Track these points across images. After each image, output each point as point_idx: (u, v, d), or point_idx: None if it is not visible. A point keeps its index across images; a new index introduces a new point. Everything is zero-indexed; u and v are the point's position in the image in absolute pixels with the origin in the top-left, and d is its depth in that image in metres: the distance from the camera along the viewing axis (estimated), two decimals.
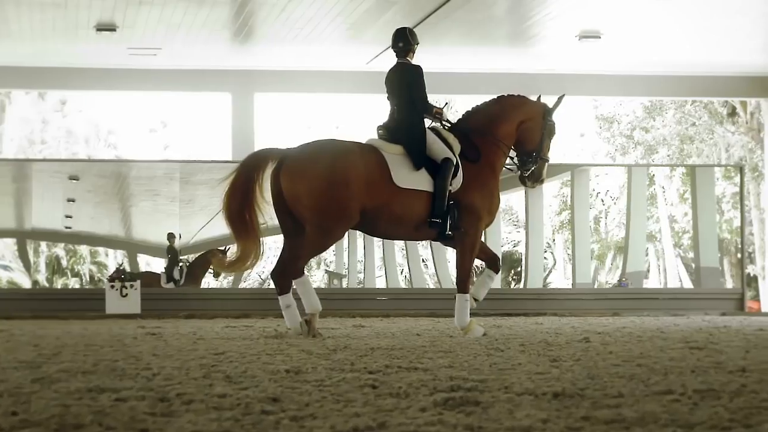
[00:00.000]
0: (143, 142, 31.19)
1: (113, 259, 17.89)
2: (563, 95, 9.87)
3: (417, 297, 17.40)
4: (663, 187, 25.39)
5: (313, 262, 32.44)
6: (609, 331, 9.95)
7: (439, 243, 9.88)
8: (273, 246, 20.10)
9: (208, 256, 17.33)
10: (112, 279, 16.25)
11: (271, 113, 24.51)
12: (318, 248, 9.20)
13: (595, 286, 19.07)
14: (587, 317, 15.30)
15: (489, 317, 15.57)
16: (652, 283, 19.02)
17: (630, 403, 3.48)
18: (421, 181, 9.04)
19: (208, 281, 17.78)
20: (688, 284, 18.86)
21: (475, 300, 9.44)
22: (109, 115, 30.84)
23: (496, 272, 9.60)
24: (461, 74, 18.20)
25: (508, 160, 9.62)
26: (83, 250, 18.03)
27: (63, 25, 15.58)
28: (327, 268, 27.79)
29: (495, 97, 9.64)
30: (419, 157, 9.07)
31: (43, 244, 17.58)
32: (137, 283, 16.18)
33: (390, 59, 17.37)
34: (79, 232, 17.55)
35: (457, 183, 9.15)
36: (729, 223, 24.00)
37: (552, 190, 24.45)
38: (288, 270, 8.94)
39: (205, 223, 17.31)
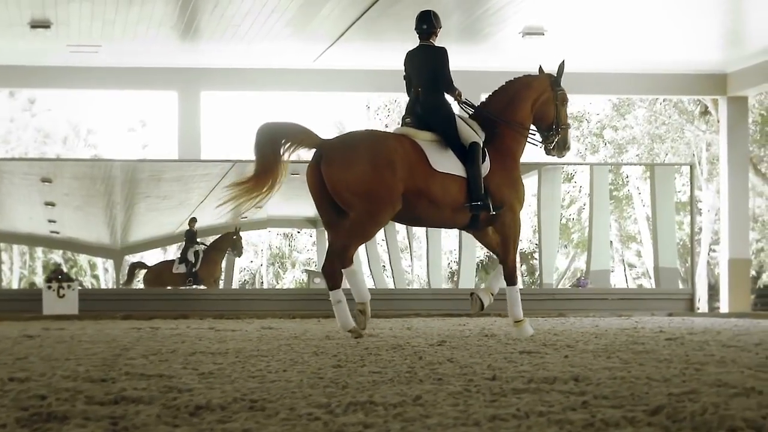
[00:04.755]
0: (122, 142, 31.05)
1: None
2: (563, 61, 9.89)
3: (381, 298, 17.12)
4: (638, 188, 24.94)
5: (287, 263, 31.92)
6: (500, 335, 9.58)
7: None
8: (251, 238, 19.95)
9: (225, 242, 17.37)
10: (49, 280, 16.08)
11: (219, 112, 24.32)
12: (365, 234, 9.06)
13: (555, 286, 18.80)
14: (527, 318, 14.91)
15: (430, 318, 15.30)
16: (607, 282, 18.62)
17: (281, 418, 3.20)
18: (454, 166, 9.13)
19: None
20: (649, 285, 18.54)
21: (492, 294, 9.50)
22: (78, 114, 30.72)
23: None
24: None
25: (529, 138, 9.69)
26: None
27: None
28: (306, 268, 27.49)
29: (503, 83, 9.68)
30: (452, 139, 9.18)
31: None
32: (75, 284, 16.05)
33: (335, 56, 17.27)
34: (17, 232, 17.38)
35: (484, 169, 9.22)
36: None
37: (531, 188, 24.14)
38: (337, 261, 8.84)
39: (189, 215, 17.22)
